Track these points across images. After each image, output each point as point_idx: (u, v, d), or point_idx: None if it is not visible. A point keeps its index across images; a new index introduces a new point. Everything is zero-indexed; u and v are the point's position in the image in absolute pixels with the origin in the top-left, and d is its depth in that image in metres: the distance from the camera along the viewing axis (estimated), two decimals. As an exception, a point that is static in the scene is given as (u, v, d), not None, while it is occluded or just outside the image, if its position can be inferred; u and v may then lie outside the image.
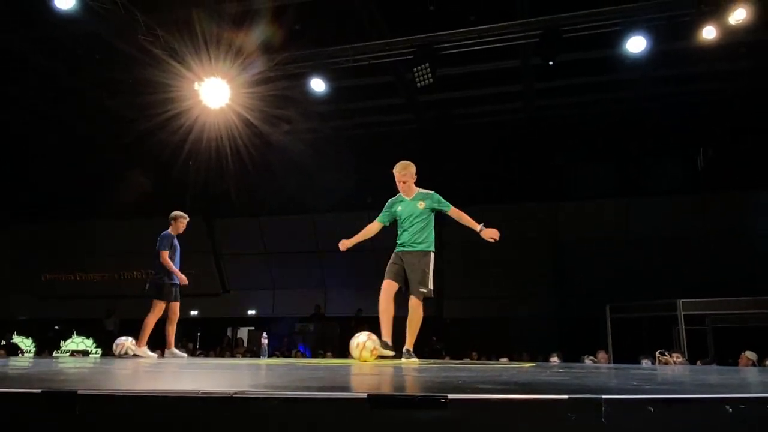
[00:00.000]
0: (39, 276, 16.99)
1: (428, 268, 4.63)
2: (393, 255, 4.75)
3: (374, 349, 4.25)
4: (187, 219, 6.48)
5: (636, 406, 1.28)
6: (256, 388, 1.53)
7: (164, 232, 6.36)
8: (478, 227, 4.68)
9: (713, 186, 13.01)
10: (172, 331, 6.35)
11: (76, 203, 15.41)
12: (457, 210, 4.76)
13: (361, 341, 4.26)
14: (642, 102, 12.70)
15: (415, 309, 4.56)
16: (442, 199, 4.80)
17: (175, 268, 6.23)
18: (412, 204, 4.76)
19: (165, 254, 6.19)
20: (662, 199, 13.49)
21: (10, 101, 12.45)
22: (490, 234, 4.59)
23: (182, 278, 6.23)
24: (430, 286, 4.63)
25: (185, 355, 6.66)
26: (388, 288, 4.63)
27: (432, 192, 4.84)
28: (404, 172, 4.75)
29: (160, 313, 6.18)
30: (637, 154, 13.77)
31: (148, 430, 1.36)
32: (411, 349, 4.57)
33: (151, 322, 6.13)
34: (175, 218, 6.40)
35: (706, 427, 1.28)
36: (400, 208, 4.80)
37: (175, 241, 6.38)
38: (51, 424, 1.39)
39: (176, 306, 6.28)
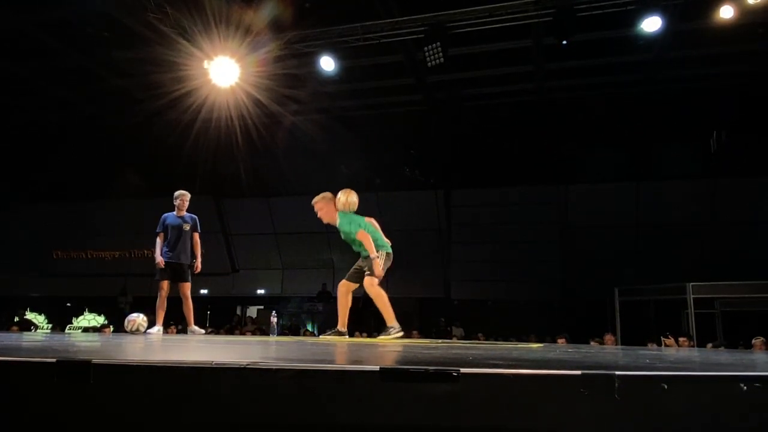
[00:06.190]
0: (50, 254, 17.18)
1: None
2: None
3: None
4: (188, 195, 6.40)
5: (649, 382, 1.27)
6: (268, 360, 1.54)
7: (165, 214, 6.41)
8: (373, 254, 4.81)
9: (725, 171, 12.85)
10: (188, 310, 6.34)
11: (86, 182, 15.50)
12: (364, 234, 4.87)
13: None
14: (655, 84, 12.49)
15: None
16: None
17: (157, 249, 6.22)
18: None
19: (159, 236, 6.27)
20: (673, 183, 13.36)
21: (20, 83, 12.43)
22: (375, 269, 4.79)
23: (158, 260, 6.17)
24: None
25: (203, 331, 6.70)
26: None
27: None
28: (317, 205, 5.07)
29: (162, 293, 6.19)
30: (649, 138, 13.59)
31: (162, 400, 1.37)
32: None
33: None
34: (175, 197, 6.40)
35: (720, 405, 1.27)
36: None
37: (174, 221, 6.33)
38: (66, 393, 1.40)
39: (184, 286, 6.27)
